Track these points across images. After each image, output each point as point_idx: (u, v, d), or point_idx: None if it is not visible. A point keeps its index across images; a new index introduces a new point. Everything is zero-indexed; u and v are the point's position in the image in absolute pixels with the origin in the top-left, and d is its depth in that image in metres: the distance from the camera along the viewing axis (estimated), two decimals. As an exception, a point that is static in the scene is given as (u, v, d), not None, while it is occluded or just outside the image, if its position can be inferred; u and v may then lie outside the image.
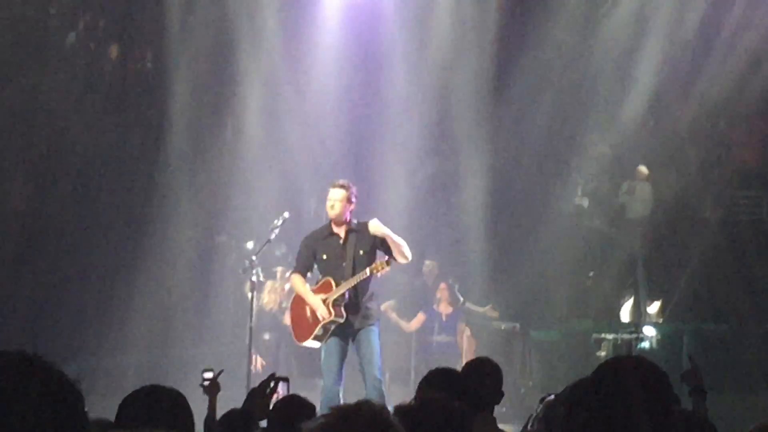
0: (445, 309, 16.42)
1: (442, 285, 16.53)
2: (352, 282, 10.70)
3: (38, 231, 16.75)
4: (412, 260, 11.16)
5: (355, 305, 10.72)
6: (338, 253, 10.83)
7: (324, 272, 10.92)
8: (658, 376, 3.60)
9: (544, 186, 18.53)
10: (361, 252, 10.80)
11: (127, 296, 16.52)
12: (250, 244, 16.42)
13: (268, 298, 16.10)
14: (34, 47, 17.22)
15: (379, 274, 10.78)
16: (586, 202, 18.87)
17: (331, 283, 10.82)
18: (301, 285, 10.99)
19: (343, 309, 10.70)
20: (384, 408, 3.52)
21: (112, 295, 16.54)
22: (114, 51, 18.46)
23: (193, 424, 4.37)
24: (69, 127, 17.40)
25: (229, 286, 16.74)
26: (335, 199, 10.85)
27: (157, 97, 17.92)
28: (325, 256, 10.89)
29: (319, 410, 6.06)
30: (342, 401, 10.04)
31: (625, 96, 18.40)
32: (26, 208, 17.12)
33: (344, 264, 10.77)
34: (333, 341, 10.71)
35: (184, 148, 17.53)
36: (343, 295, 10.70)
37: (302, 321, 10.96)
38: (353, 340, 10.76)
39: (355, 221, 10.91)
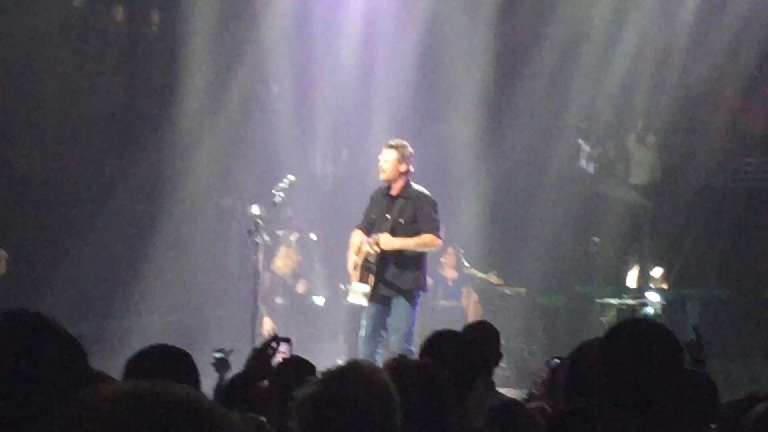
0: (450, 273, 16.41)
1: (450, 249, 16.48)
2: (364, 252, 10.68)
3: (45, 195, 16.77)
4: None
5: (382, 273, 10.66)
6: (382, 217, 10.74)
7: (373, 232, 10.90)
8: (670, 340, 3.64)
9: (549, 151, 18.51)
10: (402, 220, 10.67)
11: (134, 260, 16.57)
12: (254, 209, 16.40)
13: (282, 263, 16.10)
14: (39, 11, 17.19)
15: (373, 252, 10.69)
16: (591, 167, 18.87)
17: (361, 248, 10.81)
18: (353, 240, 10.92)
19: (371, 275, 10.66)
20: (374, 367, 3.56)
21: (118, 258, 16.59)
22: (119, 13, 18.42)
23: (199, 383, 4.41)
24: (76, 90, 17.38)
25: (235, 249, 16.76)
26: (383, 161, 10.73)
27: (164, 60, 17.91)
28: (373, 216, 10.86)
29: None
30: (379, 364, 10.06)
31: (630, 61, 18.36)
32: (33, 173, 17.13)
33: (383, 229, 10.68)
34: (371, 305, 10.71)
35: (192, 109, 17.51)
36: (369, 261, 10.68)
37: (350, 278, 10.98)
38: (388, 308, 10.75)
39: (412, 186, 10.78)
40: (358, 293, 10.74)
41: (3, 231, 15.25)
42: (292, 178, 12.18)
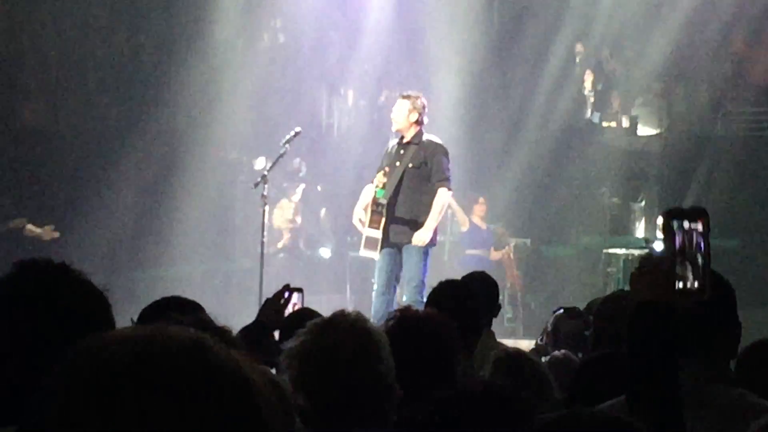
0: (480, 224, 16.30)
1: (481, 199, 16.36)
2: (367, 194, 10.76)
3: (51, 148, 16.76)
4: None
5: (392, 217, 10.67)
6: (392, 165, 10.77)
7: None
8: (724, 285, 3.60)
9: (555, 101, 18.46)
10: (411, 165, 10.72)
11: (142, 214, 16.59)
12: (259, 162, 16.38)
13: (277, 215, 16.10)
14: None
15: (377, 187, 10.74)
16: (597, 118, 18.83)
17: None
18: (363, 195, 10.96)
19: (381, 220, 10.67)
20: (360, 317, 3.58)
21: (123, 212, 16.59)
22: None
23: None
24: (80, 42, 17.35)
25: (240, 201, 16.74)
26: (395, 111, 10.84)
27: (170, 13, 17.83)
28: (385, 166, 10.86)
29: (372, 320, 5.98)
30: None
31: (636, 11, 18.30)
32: (38, 125, 17.11)
33: (393, 174, 10.73)
34: (384, 253, 10.70)
35: (200, 63, 17.47)
36: (380, 206, 10.70)
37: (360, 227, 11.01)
38: (400, 257, 10.76)
39: (424, 136, 10.83)
40: (369, 243, 10.72)
41: (15, 186, 15.30)
42: (298, 129, 12.16)
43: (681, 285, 2.80)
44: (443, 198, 10.73)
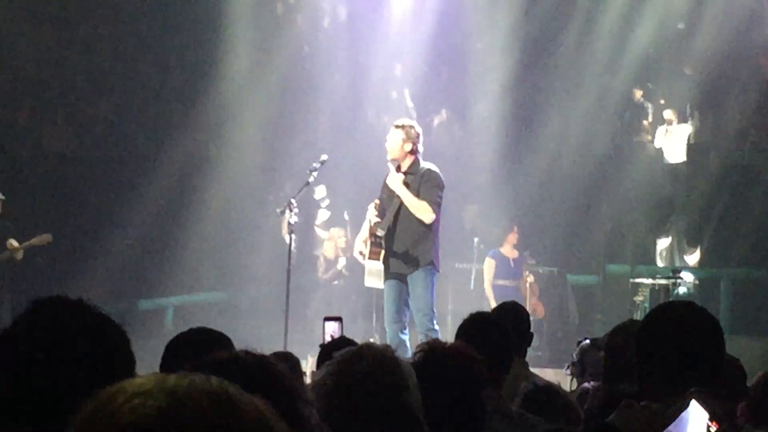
0: (511, 253, 16.21)
1: (515, 228, 16.31)
2: (366, 225, 10.72)
3: (76, 172, 16.84)
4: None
5: (392, 249, 10.62)
6: (390, 197, 10.70)
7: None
8: (711, 322, 3.62)
9: (582, 130, 18.46)
10: None
11: (164, 239, 16.64)
12: (288, 188, 16.40)
13: (326, 246, 16.17)
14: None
15: (372, 222, 10.70)
16: (624, 147, 18.80)
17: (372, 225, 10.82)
18: (364, 227, 10.92)
19: (381, 252, 10.65)
20: (387, 348, 3.57)
21: (149, 237, 16.65)
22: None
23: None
24: (108, 68, 17.46)
25: (269, 228, 16.73)
26: (389, 140, 10.76)
27: (199, 39, 17.93)
28: (383, 196, 10.83)
29: None
30: (407, 344, 10.10)
31: (665, 40, 18.31)
32: (65, 150, 17.20)
33: (390, 206, 10.68)
34: (388, 285, 10.67)
35: (228, 88, 17.55)
36: (378, 237, 10.68)
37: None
38: (406, 286, 10.72)
39: (421, 164, 10.73)
40: (373, 274, 10.70)
41: (39, 209, 15.36)
42: (325, 157, 12.16)
43: None
44: (423, 205, 10.54)
